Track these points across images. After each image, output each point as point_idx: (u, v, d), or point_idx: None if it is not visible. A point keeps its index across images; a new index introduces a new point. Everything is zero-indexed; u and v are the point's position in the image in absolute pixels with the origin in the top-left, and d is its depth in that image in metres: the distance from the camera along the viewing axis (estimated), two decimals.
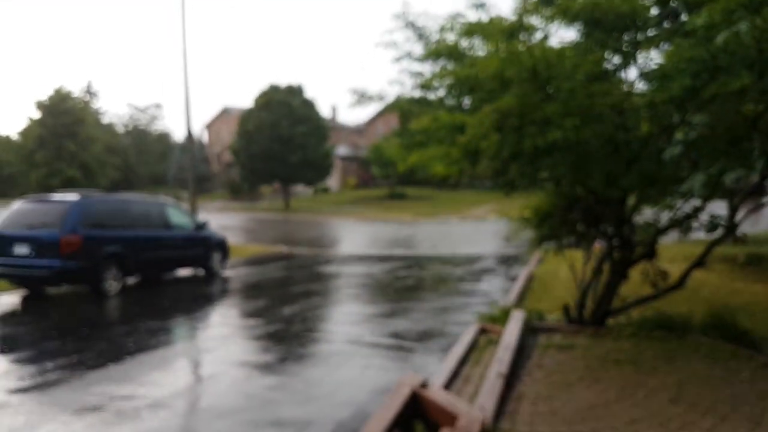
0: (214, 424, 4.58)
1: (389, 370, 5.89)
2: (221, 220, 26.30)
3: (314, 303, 10.07)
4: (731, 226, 6.12)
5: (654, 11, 6.88)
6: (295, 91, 42.64)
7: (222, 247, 13.83)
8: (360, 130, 65.62)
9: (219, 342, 7.31)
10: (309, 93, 51.45)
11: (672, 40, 5.56)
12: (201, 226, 13.42)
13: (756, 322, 6.37)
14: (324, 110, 47.58)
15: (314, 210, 39.85)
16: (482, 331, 6.90)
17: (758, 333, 5.91)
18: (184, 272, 13.33)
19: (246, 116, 42.72)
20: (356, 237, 25.26)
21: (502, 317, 7.09)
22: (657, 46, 6.38)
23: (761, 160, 6.00)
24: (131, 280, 11.47)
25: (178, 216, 12.94)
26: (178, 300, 10.75)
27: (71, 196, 10.72)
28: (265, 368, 6.16)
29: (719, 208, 6.70)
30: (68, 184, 37.55)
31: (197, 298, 10.98)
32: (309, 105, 42.82)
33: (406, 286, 12.01)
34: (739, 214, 6.53)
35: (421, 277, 13.37)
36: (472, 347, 6.29)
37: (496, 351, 5.61)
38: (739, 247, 12.23)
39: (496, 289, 11.08)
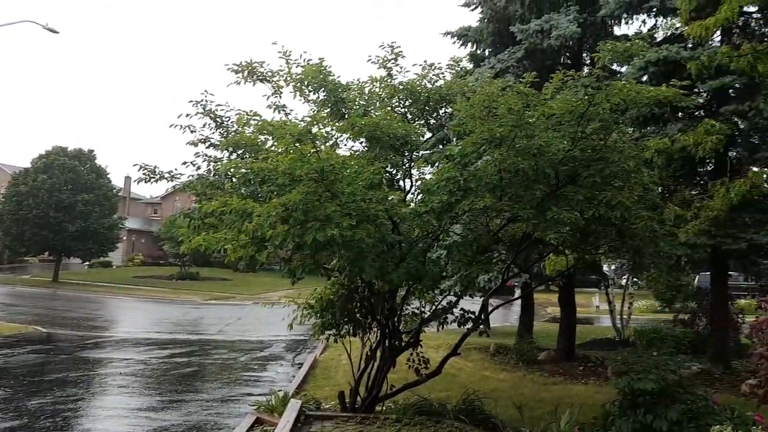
0: None
1: None
2: None
3: (71, 394, 8.94)
4: (478, 320, 7.12)
5: (428, 135, 8.14)
6: (84, 156, 39.34)
7: None
8: (156, 204, 61.99)
9: None
10: (101, 160, 48.01)
11: (440, 161, 6.61)
12: None
13: (499, 407, 7.30)
14: (118, 179, 44.40)
15: (90, 286, 35.74)
16: (257, 422, 6.82)
17: (500, 417, 6.78)
18: None
19: (20, 177, 37.87)
20: (136, 318, 23.17)
21: (280, 406, 7.10)
22: (432, 165, 7.50)
23: (501, 266, 7.19)
24: None
25: None
26: None
27: None
28: None
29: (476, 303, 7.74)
30: None
31: None
32: (99, 172, 39.70)
33: (184, 374, 11.31)
34: (492, 310, 7.61)
35: (203, 364, 12.72)
36: None
37: None
38: (490, 338, 14.07)
39: (281, 377, 11.03)
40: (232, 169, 6.55)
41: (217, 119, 7.11)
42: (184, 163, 7.11)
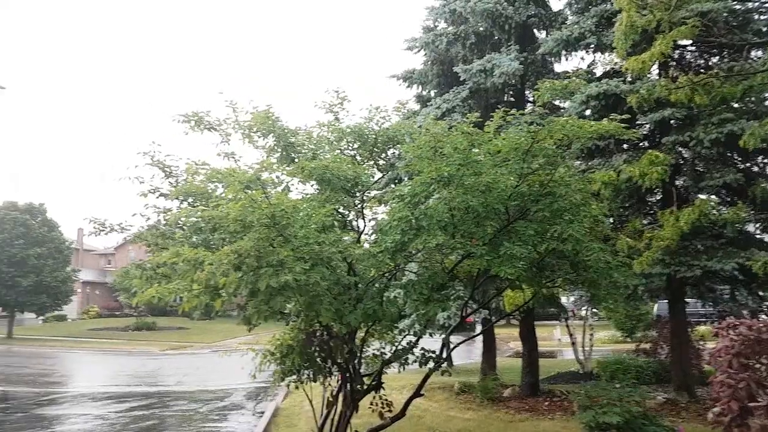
0: None
1: None
2: None
3: None
4: (440, 359, 7.06)
5: (379, 175, 8.20)
6: (35, 210, 38.53)
7: None
8: (110, 255, 60.53)
9: None
10: (53, 213, 46.98)
11: (392, 201, 6.63)
12: None
13: None
14: (70, 232, 43.27)
15: (45, 341, 34.24)
16: None
17: None
18: None
19: None
20: (93, 372, 22.21)
21: None
22: (385, 204, 7.50)
23: (460, 303, 7.18)
24: None
25: None
26: None
27: None
28: None
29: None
30: None
31: None
32: (51, 225, 38.86)
33: (144, 428, 10.82)
34: (453, 347, 7.53)
35: (162, 416, 12.19)
36: None
37: None
38: (453, 377, 13.83)
39: (242, 427, 10.66)
40: (182, 218, 6.45)
41: (166, 169, 7.04)
42: (134, 214, 6.99)
